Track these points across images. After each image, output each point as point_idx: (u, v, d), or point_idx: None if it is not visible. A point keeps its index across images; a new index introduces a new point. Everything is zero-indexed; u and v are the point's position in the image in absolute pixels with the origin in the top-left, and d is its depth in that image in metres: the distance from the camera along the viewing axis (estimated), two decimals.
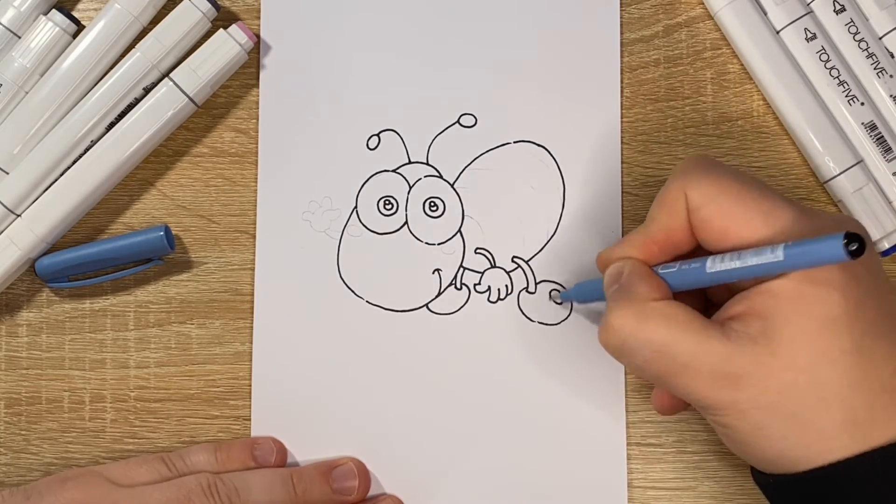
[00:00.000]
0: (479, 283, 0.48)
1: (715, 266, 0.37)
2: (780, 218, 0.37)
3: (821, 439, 0.37)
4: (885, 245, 0.48)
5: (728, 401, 0.37)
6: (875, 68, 0.48)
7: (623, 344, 0.38)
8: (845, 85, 0.48)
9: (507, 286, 0.48)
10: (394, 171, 0.49)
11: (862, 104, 0.48)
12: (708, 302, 0.42)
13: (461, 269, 0.48)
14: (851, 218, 0.40)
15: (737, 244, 0.38)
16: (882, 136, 0.48)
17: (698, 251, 0.40)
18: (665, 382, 0.38)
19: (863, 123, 0.48)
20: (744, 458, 0.39)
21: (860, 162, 0.48)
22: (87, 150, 0.47)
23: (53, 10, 0.47)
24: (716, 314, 0.39)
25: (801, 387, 0.36)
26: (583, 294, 0.46)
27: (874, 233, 0.47)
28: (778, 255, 0.35)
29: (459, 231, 0.48)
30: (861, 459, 0.36)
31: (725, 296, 0.39)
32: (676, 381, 0.38)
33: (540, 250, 0.48)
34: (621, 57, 0.49)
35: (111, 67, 0.47)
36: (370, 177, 0.49)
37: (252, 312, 0.48)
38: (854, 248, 0.32)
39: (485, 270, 0.48)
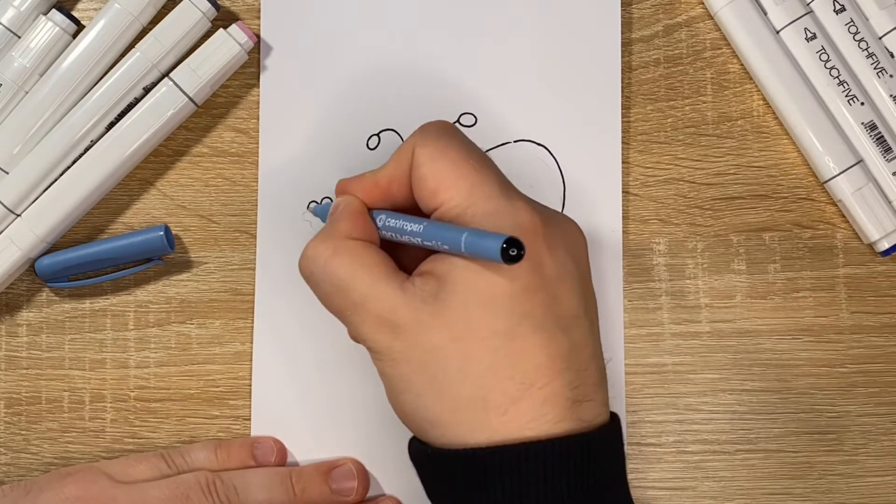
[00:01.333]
0: None
1: (411, 238, 0.39)
2: (483, 196, 0.38)
3: (451, 409, 0.38)
4: (885, 245, 0.48)
5: (385, 346, 0.38)
6: (875, 68, 0.48)
7: (311, 274, 0.40)
8: (845, 85, 0.48)
9: None
10: None
11: (862, 104, 0.48)
12: None
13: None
14: (557, 214, 0.41)
15: (441, 208, 0.39)
16: (882, 136, 0.48)
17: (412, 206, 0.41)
18: (342, 318, 0.40)
19: (863, 123, 0.48)
20: (395, 412, 0.40)
21: (860, 162, 0.48)
22: (86, 149, 0.47)
23: (53, 10, 0.47)
24: (415, 270, 0.40)
25: (447, 354, 0.37)
26: (323, 213, 0.46)
27: (874, 232, 0.47)
28: (457, 239, 0.36)
29: None
30: (491, 451, 0.37)
31: None
32: (349, 318, 0.39)
33: None
34: (621, 57, 0.49)
35: (111, 67, 0.47)
36: None
37: (252, 312, 0.48)
38: (513, 253, 0.34)
39: None
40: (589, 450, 0.37)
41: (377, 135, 0.49)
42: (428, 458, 0.39)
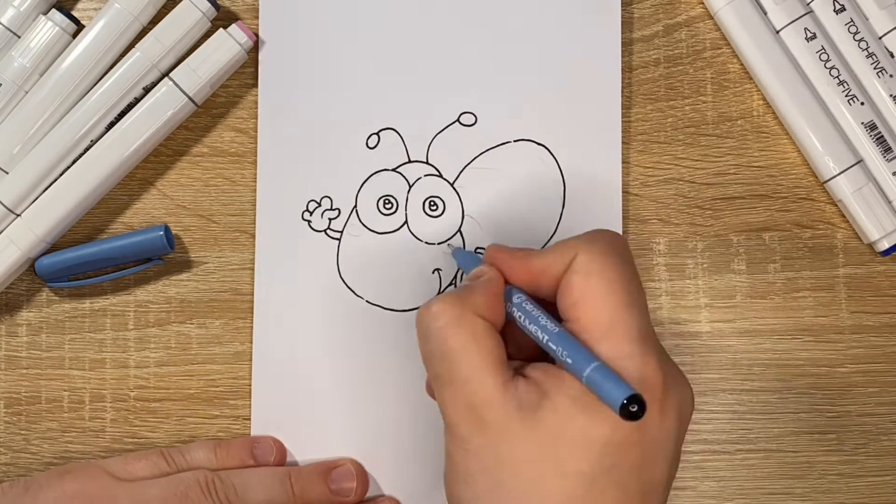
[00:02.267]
0: None
1: (539, 332, 0.38)
2: (620, 335, 0.37)
3: None
4: (885, 245, 0.48)
5: (465, 434, 0.37)
6: (875, 68, 0.48)
7: (427, 330, 0.39)
8: (845, 85, 0.48)
9: None
10: (393, 170, 0.49)
11: (862, 104, 0.48)
12: None
13: (461, 269, 0.48)
14: (680, 382, 0.39)
15: (575, 323, 0.38)
16: (882, 136, 0.48)
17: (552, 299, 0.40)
18: (436, 384, 0.39)
19: (863, 123, 0.48)
20: (445, 493, 0.40)
21: (860, 162, 0.48)
22: (86, 149, 0.47)
23: (53, 10, 0.47)
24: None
25: (522, 471, 0.37)
26: (463, 263, 0.46)
27: (874, 232, 0.47)
28: (582, 369, 0.35)
29: (459, 230, 0.48)
30: None
31: None
32: (443, 391, 0.38)
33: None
34: (621, 57, 0.49)
35: (111, 67, 0.47)
36: (370, 176, 0.49)
37: (252, 312, 0.48)
38: (633, 409, 0.34)
39: None
40: None
41: (377, 134, 0.49)
42: None
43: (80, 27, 0.48)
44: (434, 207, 0.48)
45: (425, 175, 0.49)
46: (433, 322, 0.39)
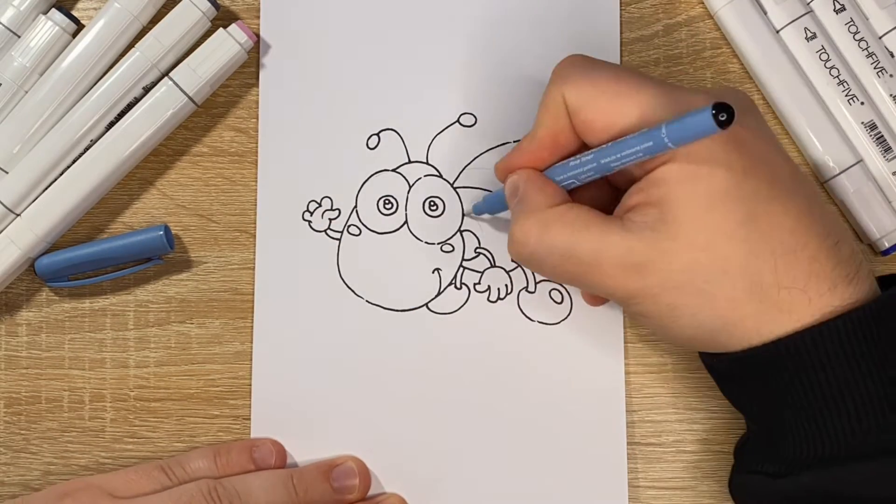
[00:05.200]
0: (479, 283, 0.48)
1: (602, 157, 0.38)
2: (657, 106, 0.38)
3: (731, 308, 0.38)
4: (885, 244, 0.48)
5: (638, 289, 0.38)
6: (875, 68, 0.48)
7: (531, 255, 0.40)
8: (845, 84, 0.48)
9: (506, 286, 0.48)
10: (393, 170, 0.49)
11: (862, 103, 0.48)
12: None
13: (461, 269, 0.48)
14: (728, 88, 0.42)
15: (619, 137, 0.39)
16: (882, 136, 0.48)
17: (583, 149, 0.41)
18: (579, 283, 0.40)
19: (863, 123, 0.48)
20: (669, 341, 0.42)
21: (860, 161, 0.48)
22: (86, 149, 0.47)
23: (53, 10, 0.47)
24: (615, 210, 0.40)
25: (703, 264, 0.38)
26: (492, 206, 0.46)
27: (874, 232, 0.47)
28: (657, 134, 0.35)
29: (459, 230, 0.48)
30: (788, 340, 0.38)
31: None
32: (588, 280, 0.39)
33: None
34: (621, 57, 0.49)
35: (111, 67, 0.47)
36: (370, 176, 0.49)
37: (252, 312, 0.48)
38: (723, 118, 0.33)
39: (485, 270, 0.48)
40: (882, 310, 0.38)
41: (377, 134, 0.49)
42: (735, 363, 0.40)
43: (79, 27, 0.48)
44: (434, 207, 0.48)
45: (425, 175, 0.49)
46: (527, 246, 0.40)
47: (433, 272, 0.48)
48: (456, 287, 0.48)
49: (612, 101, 0.39)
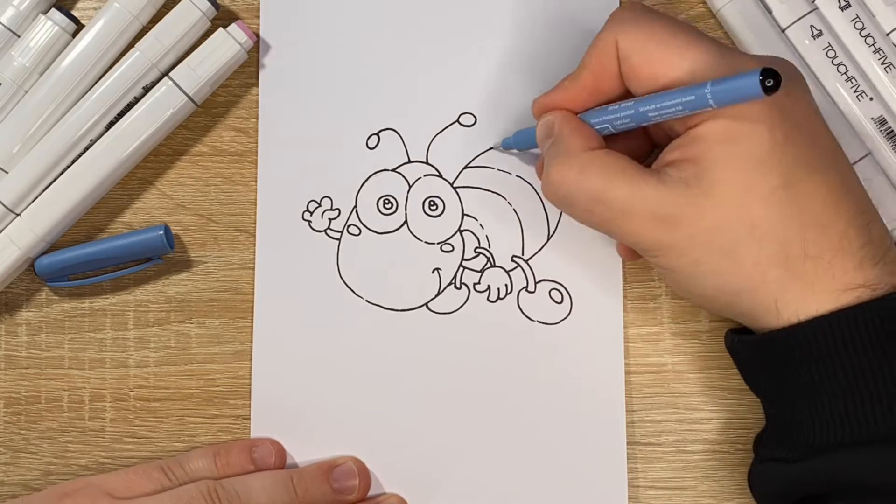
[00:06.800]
0: (479, 283, 0.48)
1: (642, 106, 0.38)
2: (707, 64, 0.38)
3: (755, 273, 0.38)
4: None
5: (666, 241, 0.39)
6: (883, 63, 0.48)
7: (565, 196, 0.40)
8: (853, 81, 0.48)
9: (506, 285, 0.48)
10: (393, 170, 0.49)
11: (871, 99, 0.48)
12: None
13: (461, 269, 0.48)
14: (778, 57, 0.41)
15: (664, 89, 0.39)
16: (892, 131, 0.48)
17: (624, 98, 0.41)
18: (608, 229, 0.40)
19: (872, 118, 0.48)
20: (688, 299, 0.41)
21: (868, 154, 0.47)
22: (86, 149, 0.47)
23: (53, 9, 0.47)
24: (654, 164, 0.40)
25: (733, 224, 0.38)
26: (522, 142, 0.46)
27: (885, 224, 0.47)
28: (701, 91, 0.35)
29: (459, 230, 0.48)
30: (812, 323, 0.38)
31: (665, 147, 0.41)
32: (617, 227, 0.40)
33: (539, 250, 0.48)
34: None
35: (111, 66, 0.47)
36: (370, 176, 0.49)
37: (252, 312, 0.48)
38: (770, 83, 0.33)
39: (484, 270, 0.48)
40: None
41: (377, 134, 0.49)
42: (753, 346, 0.40)
43: (79, 27, 0.48)
44: (434, 207, 0.48)
45: (425, 175, 0.49)
46: (563, 187, 0.40)
47: (433, 272, 0.48)
48: (456, 287, 0.48)
49: (664, 52, 0.39)
